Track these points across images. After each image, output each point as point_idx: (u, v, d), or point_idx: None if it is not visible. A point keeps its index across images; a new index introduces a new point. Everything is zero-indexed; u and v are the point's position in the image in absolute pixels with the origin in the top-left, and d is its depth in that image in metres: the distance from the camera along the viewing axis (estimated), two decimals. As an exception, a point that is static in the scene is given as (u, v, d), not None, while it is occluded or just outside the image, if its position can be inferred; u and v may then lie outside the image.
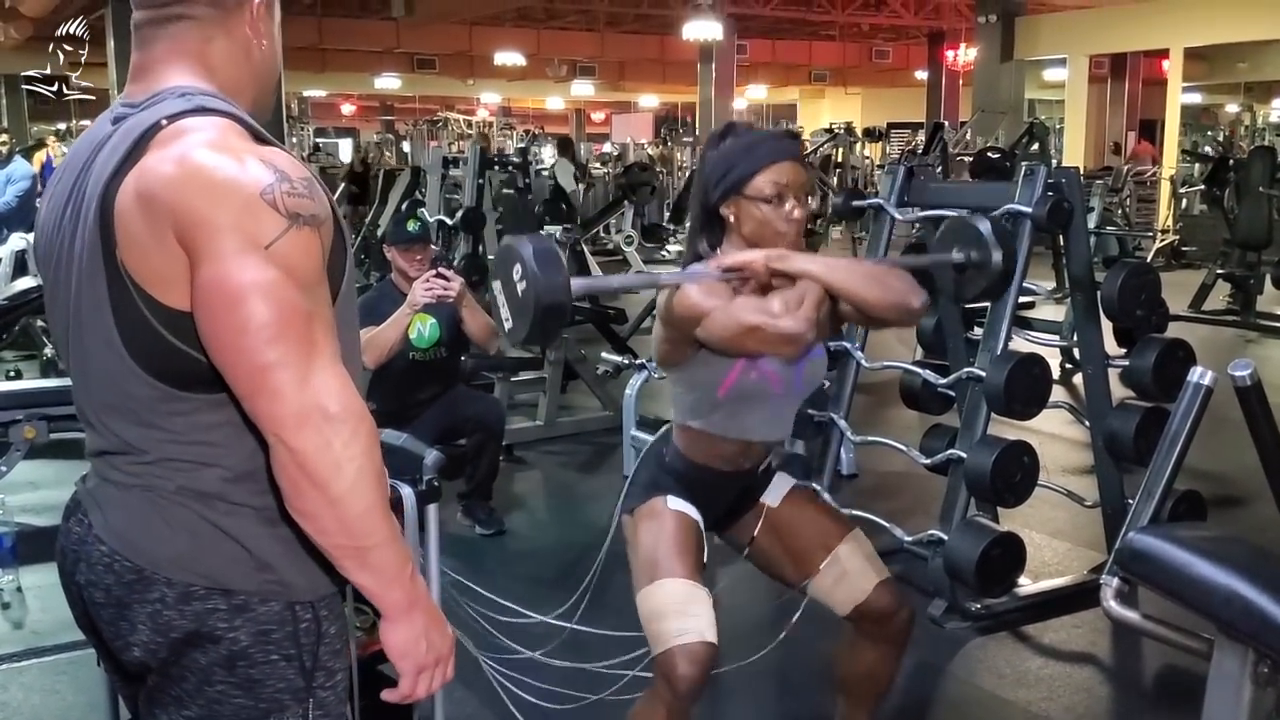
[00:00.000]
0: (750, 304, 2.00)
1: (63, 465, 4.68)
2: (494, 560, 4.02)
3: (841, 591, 2.30)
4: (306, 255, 1.27)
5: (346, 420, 1.26)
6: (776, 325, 1.94)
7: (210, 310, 1.24)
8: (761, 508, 2.36)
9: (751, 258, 2.04)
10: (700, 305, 2.03)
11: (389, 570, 1.32)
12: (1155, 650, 3.24)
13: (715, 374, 2.13)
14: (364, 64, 23.40)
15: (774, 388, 2.17)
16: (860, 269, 2.10)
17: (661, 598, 2.14)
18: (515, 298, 1.84)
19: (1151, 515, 1.57)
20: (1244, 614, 1.36)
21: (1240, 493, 4.57)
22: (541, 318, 1.81)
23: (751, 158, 2.09)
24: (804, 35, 23.23)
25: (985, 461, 3.28)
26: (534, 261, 1.79)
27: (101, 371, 1.34)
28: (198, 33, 1.39)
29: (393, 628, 1.35)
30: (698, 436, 2.24)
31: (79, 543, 1.40)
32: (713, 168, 2.14)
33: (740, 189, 2.09)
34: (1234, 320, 8.77)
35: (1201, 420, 1.60)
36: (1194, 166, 13.90)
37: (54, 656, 3.20)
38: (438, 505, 2.29)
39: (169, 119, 1.30)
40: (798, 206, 2.10)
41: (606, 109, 31.49)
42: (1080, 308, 3.67)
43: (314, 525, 1.28)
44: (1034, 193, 3.41)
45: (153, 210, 1.25)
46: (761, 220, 2.09)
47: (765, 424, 2.24)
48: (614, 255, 12.02)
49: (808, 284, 2.00)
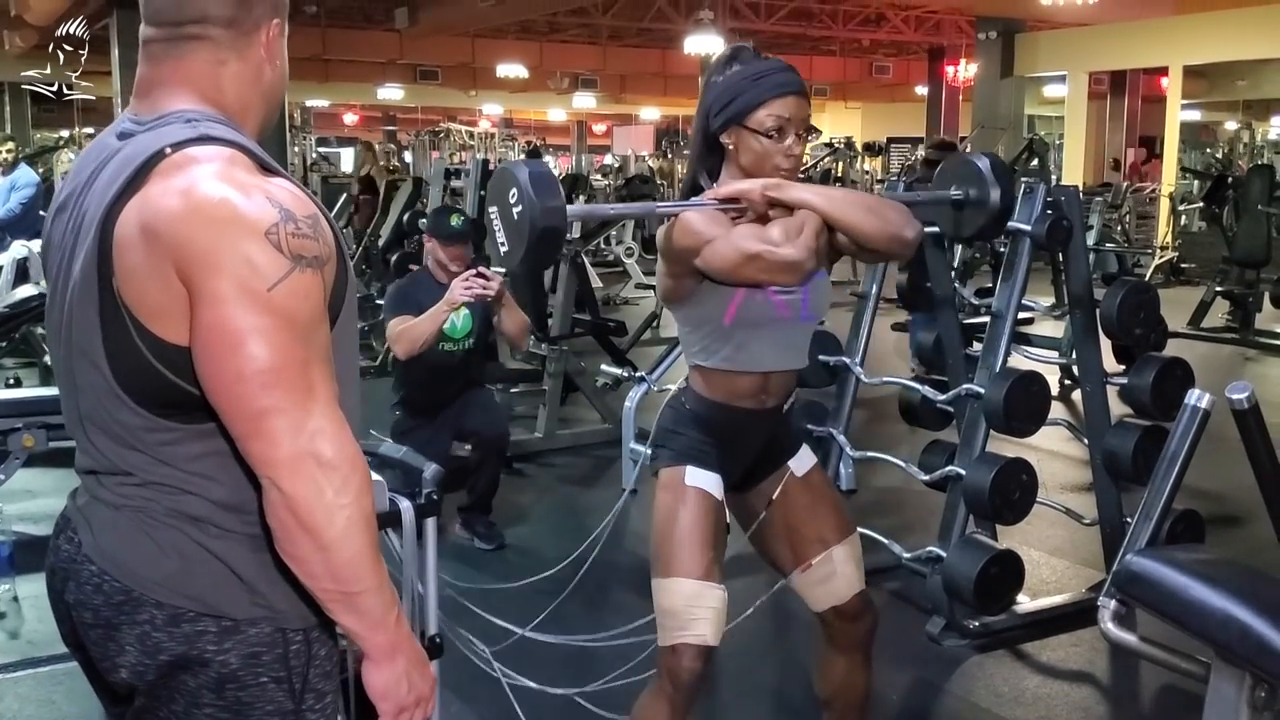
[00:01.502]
0: (750, 232, 2.02)
1: (61, 474, 4.67)
2: (491, 573, 4.01)
3: (823, 590, 2.33)
4: (307, 299, 1.27)
5: (339, 467, 1.26)
6: (776, 253, 1.97)
7: (208, 352, 1.24)
8: (785, 472, 2.35)
9: (749, 186, 2.06)
10: (700, 233, 2.04)
11: (374, 615, 1.33)
12: (1153, 671, 3.23)
13: (720, 303, 2.13)
14: (367, 74, 23.41)
15: (780, 312, 2.16)
16: (857, 199, 2.12)
17: (673, 595, 2.16)
18: (511, 221, 1.85)
19: (1150, 537, 1.57)
20: (1241, 637, 1.36)
21: (1238, 512, 4.57)
22: (537, 241, 1.82)
23: (755, 89, 2.09)
24: (804, 50, 23.26)
25: (984, 478, 3.28)
26: (530, 185, 1.81)
27: (90, 392, 1.34)
28: (211, 55, 1.38)
29: (376, 669, 1.36)
30: (712, 375, 2.22)
31: (68, 561, 1.39)
32: (716, 95, 2.13)
33: (742, 120, 2.10)
34: (1233, 338, 8.78)
35: (1199, 442, 1.61)
36: (1193, 184, 13.93)
37: (49, 667, 3.19)
38: (437, 519, 2.28)
39: (173, 147, 1.28)
40: (798, 142, 2.11)
41: (608, 121, 31.52)
42: (1079, 325, 3.67)
43: (303, 569, 1.29)
44: (1033, 211, 3.42)
45: (155, 244, 1.24)
46: (760, 153, 2.10)
47: (777, 352, 2.22)
48: (614, 266, 12.03)
49: (806, 213, 2.02)
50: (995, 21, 16.20)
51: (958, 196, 2.36)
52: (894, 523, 4.25)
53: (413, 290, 4.13)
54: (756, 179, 2.08)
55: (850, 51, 23.34)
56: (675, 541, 2.18)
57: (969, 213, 2.36)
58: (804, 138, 2.12)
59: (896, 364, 6.90)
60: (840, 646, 2.38)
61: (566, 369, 5.69)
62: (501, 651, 2.72)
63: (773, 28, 19.12)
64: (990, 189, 2.30)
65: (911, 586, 3.64)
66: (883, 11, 18.96)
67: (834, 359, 3.91)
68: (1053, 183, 6.25)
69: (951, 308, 3.99)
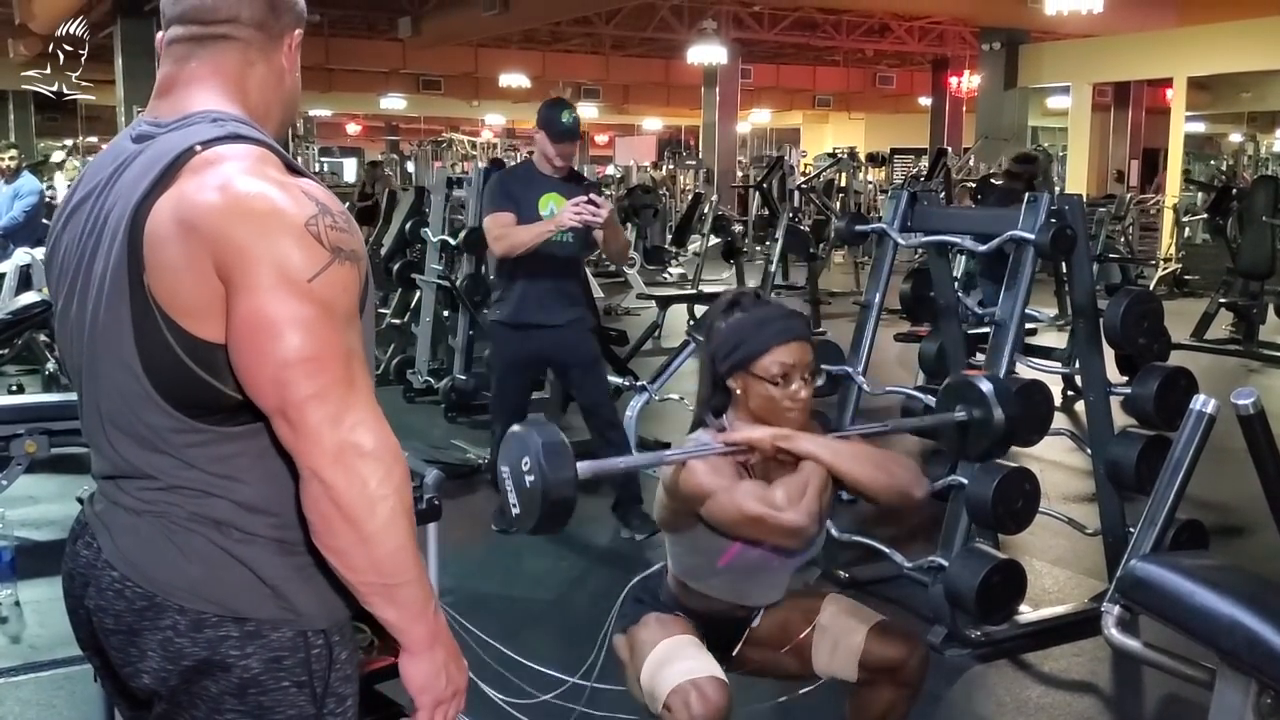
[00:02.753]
0: (754, 492, 2.02)
1: (64, 480, 4.68)
2: (491, 582, 4.01)
3: (841, 657, 2.27)
4: (345, 290, 1.27)
5: (382, 458, 1.25)
6: (779, 518, 1.98)
7: (249, 343, 1.23)
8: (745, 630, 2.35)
9: (759, 437, 2.08)
10: (705, 486, 2.05)
11: (414, 607, 1.32)
12: (1156, 680, 3.22)
13: (716, 545, 2.15)
14: (370, 84, 23.49)
15: (773, 561, 2.19)
16: (865, 454, 2.11)
17: (660, 652, 2.15)
18: (523, 489, 1.88)
19: (1153, 543, 1.57)
20: (1247, 644, 1.35)
21: (1242, 522, 4.55)
22: (549, 512, 1.85)
23: (759, 337, 2.11)
24: (808, 60, 23.34)
25: (986, 488, 3.27)
26: (542, 456, 1.84)
27: (116, 395, 1.32)
28: (239, 55, 1.40)
29: (414, 662, 1.36)
30: (693, 594, 2.26)
31: (88, 567, 1.39)
32: (721, 340, 2.16)
33: (747, 366, 2.12)
34: (1236, 350, 8.76)
35: (1204, 449, 1.60)
36: (1196, 195, 13.93)
37: (51, 672, 3.19)
38: (439, 524, 2.29)
39: (203, 144, 1.29)
40: (804, 387, 2.12)
41: (610, 131, 31.59)
42: (1082, 335, 3.67)
43: (344, 561, 1.28)
44: (1037, 220, 3.42)
45: (192, 238, 1.23)
46: (768, 398, 2.11)
47: (762, 591, 2.28)
48: (616, 276, 12.04)
49: (812, 469, 2.04)
50: (999, 32, 16.23)
51: (962, 419, 2.35)
52: (895, 532, 4.24)
53: (511, 183, 4.30)
54: (766, 428, 2.10)
55: (854, 62, 23.40)
56: (659, 638, 2.19)
57: (974, 434, 2.35)
58: (810, 381, 2.13)
59: (899, 374, 6.88)
60: (890, 685, 2.26)
61: (569, 377, 5.68)
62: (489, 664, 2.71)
63: (776, 38, 19.17)
64: (993, 409, 2.29)
65: (913, 596, 3.63)
66: (886, 22, 19.01)
67: (836, 368, 3.90)
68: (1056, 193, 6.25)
69: (954, 318, 3.99)
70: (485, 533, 4.47)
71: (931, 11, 16.88)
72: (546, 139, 4.23)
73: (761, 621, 2.34)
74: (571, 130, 4.26)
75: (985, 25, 16.47)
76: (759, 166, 19.16)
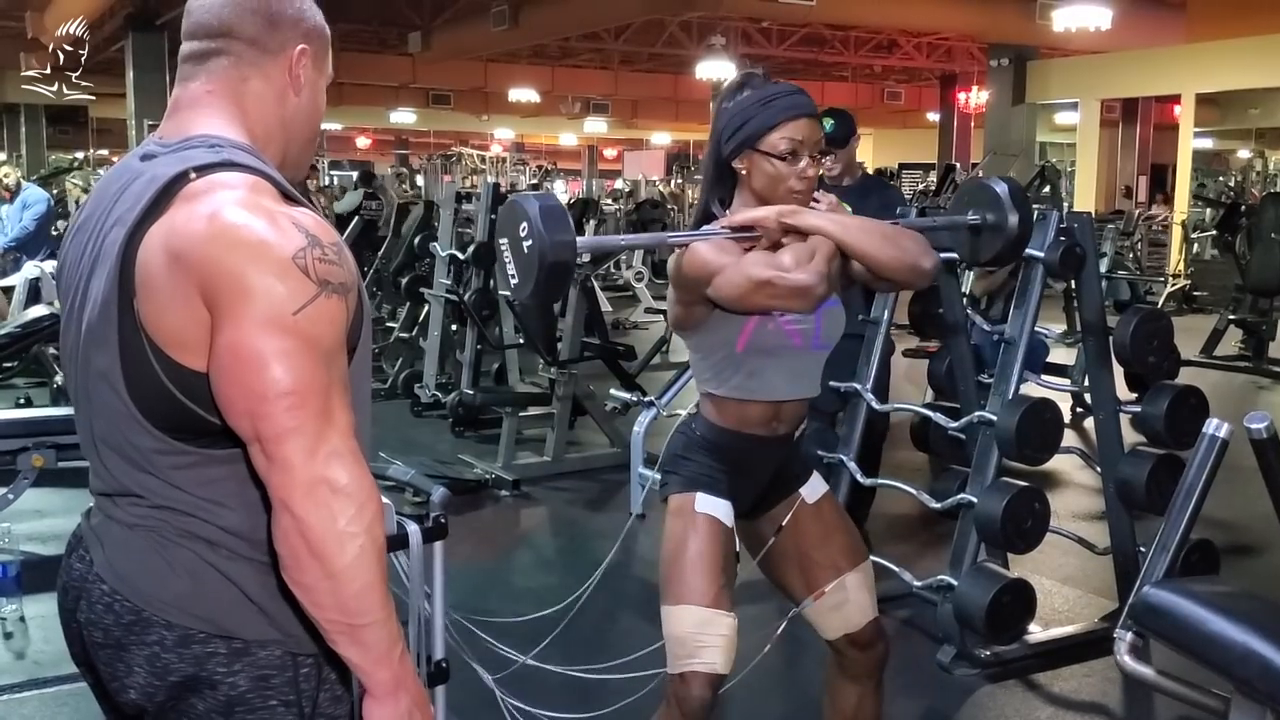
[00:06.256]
0: (761, 259, 2.00)
1: (70, 494, 4.67)
2: (498, 598, 3.99)
3: (837, 618, 2.30)
4: (331, 324, 1.27)
5: (354, 495, 1.25)
6: (787, 279, 1.95)
7: (229, 374, 1.24)
8: (796, 498, 2.32)
9: (763, 214, 2.04)
10: (711, 263, 2.02)
11: (379, 649, 1.30)
12: (1167, 703, 3.19)
13: (731, 330, 2.11)
14: (380, 98, 23.57)
15: (793, 340, 2.13)
16: (874, 227, 2.08)
17: (682, 623, 2.14)
18: (521, 255, 1.83)
19: (1167, 568, 1.55)
20: (1262, 673, 1.34)
21: (1253, 541, 4.52)
22: (547, 275, 1.81)
23: (767, 112, 2.08)
24: (816, 76, 23.33)
25: (996, 507, 3.25)
26: (540, 219, 1.79)
27: (105, 414, 1.33)
28: (235, 71, 1.40)
29: (377, 706, 1.33)
30: (723, 403, 2.20)
31: (80, 580, 1.39)
32: (727, 121, 2.12)
33: (754, 144, 2.08)
34: (1246, 366, 8.73)
35: (1217, 472, 1.58)
36: (1205, 212, 13.90)
37: (55, 688, 3.17)
38: (445, 542, 2.27)
39: (197, 171, 1.29)
40: (812, 165, 2.09)
41: (619, 146, 31.65)
42: (1092, 352, 3.65)
43: (309, 598, 1.27)
44: (1046, 238, 3.41)
45: (180, 268, 1.24)
46: (774, 176, 2.08)
47: (789, 381, 2.19)
48: (624, 291, 12.04)
49: (818, 239, 2.00)
50: (1007, 48, 16.24)
51: (975, 221, 2.34)
52: (905, 550, 4.22)
53: None
54: (771, 206, 2.06)
55: (862, 77, 23.41)
56: (685, 569, 2.16)
57: (986, 237, 2.33)
58: (817, 159, 2.11)
59: (908, 390, 6.87)
60: (852, 675, 2.36)
61: (575, 392, 5.68)
62: (505, 679, 2.69)
63: (785, 53, 19.19)
64: (1009, 213, 2.27)
65: (922, 615, 3.61)
66: (895, 38, 19.03)
67: (845, 385, 3.88)
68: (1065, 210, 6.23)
69: (963, 334, 3.97)
70: (492, 549, 4.47)
71: (940, 28, 16.88)
72: None
73: (815, 507, 2.31)
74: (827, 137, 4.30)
75: (994, 41, 16.48)
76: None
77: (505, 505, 5.15)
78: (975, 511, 3.35)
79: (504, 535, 4.37)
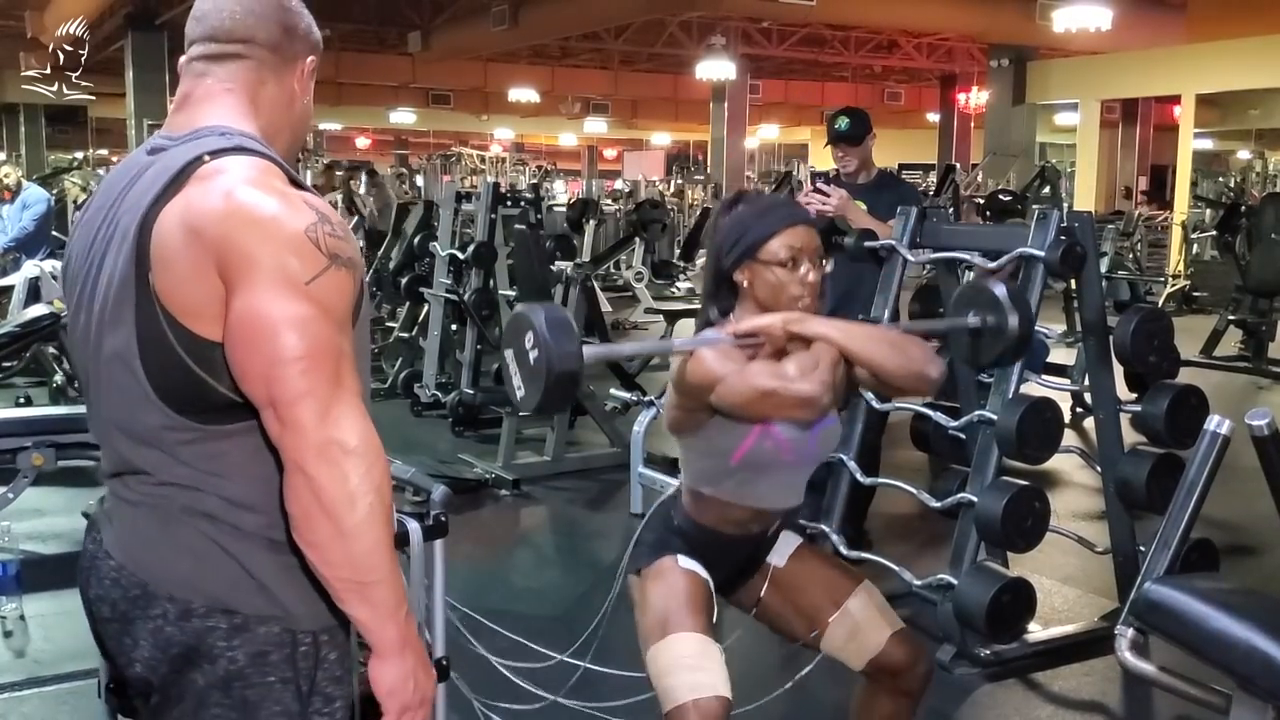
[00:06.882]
0: (765, 368, 1.99)
1: (70, 493, 4.67)
2: (499, 597, 3.99)
3: (855, 646, 2.25)
4: (340, 295, 1.33)
5: (364, 455, 1.29)
6: (791, 389, 1.94)
7: (245, 339, 1.29)
8: (767, 568, 2.32)
9: (769, 322, 2.04)
10: (714, 371, 2.02)
11: (386, 607, 1.35)
12: (1167, 701, 3.19)
13: (729, 441, 2.11)
14: (379, 98, 23.58)
15: (787, 456, 2.14)
16: (879, 335, 2.10)
17: (673, 653, 2.10)
18: (527, 365, 1.84)
19: (1167, 566, 1.55)
20: (1264, 669, 1.33)
21: (1253, 541, 4.52)
22: (554, 386, 1.80)
23: (765, 222, 2.10)
24: (816, 76, 23.36)
25: (996, 506, 3.25)
26: (546, 329, 1.80)
27: (116, 392, 1.38)
28: (254, 74, 1.48)
29: (383, 665, 1.38)
30: (708, 502, 2.21)
31: (91, 559, 1.46)
32: (726, 234, 2.14)
33: (754, 253, 2.09)
34: (1245, 367, 8.73)
35: (1219, 469, 1.58)
36: (1205, 212, 13.90)
37: (55, 686, 3.18)
38: (445, 541, 2.27)
39: (211, 154, 1.36)
40: (812, 270, 2.09)
41: (619, 146, 31.66)
42: (1092, 352, 3.65)
43: (320, 556, 1.31)
44: (1047, 237, 3.41)
45: (197, 242, 1.30)
46: (776, 284, 2.08)
47: (778, 492, 2.22)
48: (624, 291, 12.04)
49: (823, 347, 2.00)
50: (1007, 49, 16.25)
51: (975, 324, 2.32)
52: (905, 549, 4.22)
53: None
54: (776, 314, 2.06)
55: (862, 78, 23.42)
56: (671, 607, 2.13)
57: (987, 340, 2.32)
58: (819, 265, 2.11)
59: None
60: (891, 693, 2.27)
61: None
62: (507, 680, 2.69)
63: (785, 54, 19.21)
64: (1008, 315, 2.25)
65: (922, 614, 3.61)
66: (895, 38, 19.04)
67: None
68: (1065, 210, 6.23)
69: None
70: (492, 548, 4.47)
71: (940, 28, 16.89)
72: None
73: (789, 565, 2.30)
74: (841, 135, 4.49)
75: (994, 42, 16.49)
76: (767, 181, 19.19)
77: (505, 505, 5.16)
78: (975, 511, 3.35)
79: (504, 534, 4.38)
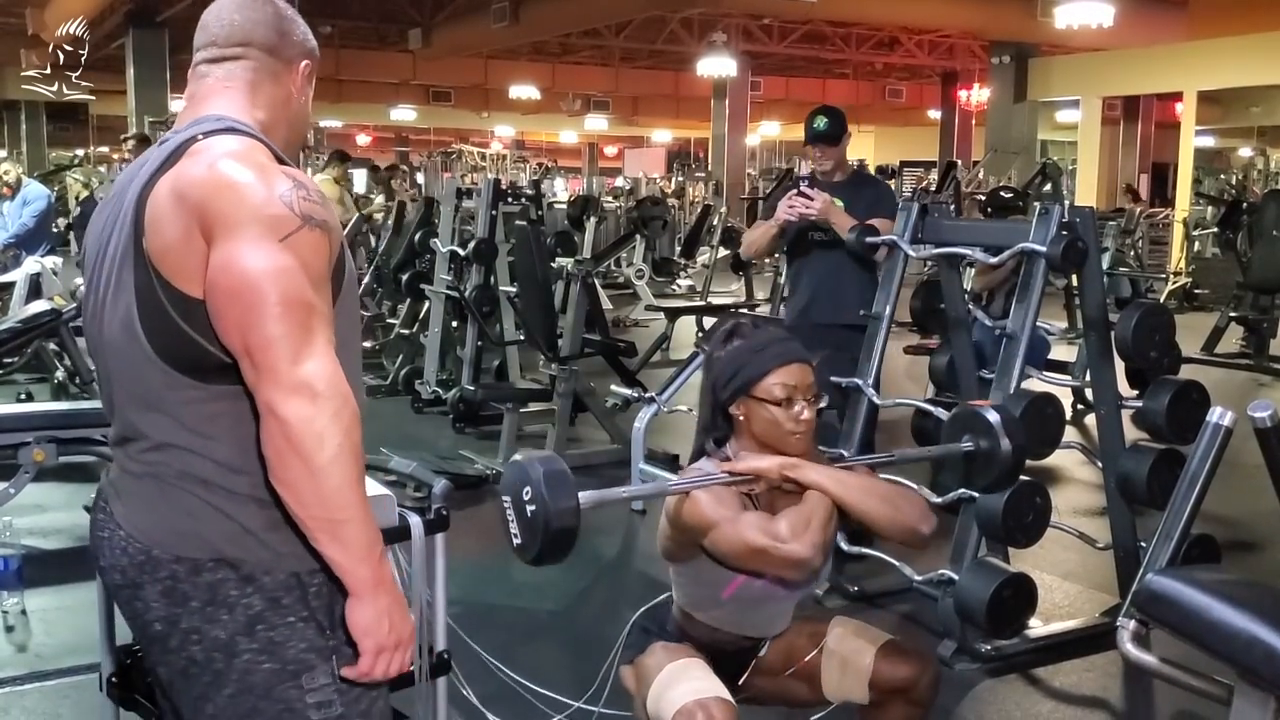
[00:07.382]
0: (758, 523, 1.99)
1: (71, 489, 4.68)
2: (499, 593, 3.99)
3: (850, 679, 2.23)
4: (315, 253, 1.42)
5: (332, 399, 1.37)
6: (782, 550, 1.95)
7: (221, 288, 1.38)
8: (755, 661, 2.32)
9: (765, 465, 2.05)
10: (709, 517, 2.02)
11: (359, 546, 1.41)
12: (1169, 695, 3.20)
13: (719, 577, 2.11)
14: (380, 95, 23.58)
15: (778, 592, 2.16)
16: (874, 488, 2.09)
17: (666, 674, 2.12)
18: (524, 517, 1.85)
19: (1169, 558, 1.55)
20: (1267, 660, 1.33)
21: (1254, 537, 4.52)
22: (551, 540, 1.82)
23: (760, 359, 2.11)
24: (818, 73, 23.35)
25: (997, 502, 3.25)
26: (544, 485, 1.81)
27: (121, 358, 1.47)
28: (251, 73, 1.59)
29: (358, 604, 1.43)
30: (697, 624, 2.24)
31: (100, 529, 1.54)
32: (722, 368, 2.15)
33: (749, 390, 2.10)
34: (1247, 364, 8.73)
35: (1221, 461, 1.58)
36: (1206, 209, 13.90)
37: (56, 681, 3.18)
38: (446, 535, 2.26)
39: (204, 134, 1.48)
40: (807, 408, 2.10)
41: (619, 143, 31.65)
42: (1094, 348, 3.65)
43: (293, 495, 1.38)
44: (1048, 232, 3.41)
45: (181, 205, 1.41)
46: (771, 421, 2.09)
47: (767, 622, 2.25)
48: (625, 288, 12.04)
49: (817, 499, 2.01)
50: (1008, 46, 16.25)
51: (968, 449, 2.32)
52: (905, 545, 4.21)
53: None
54: (773, 457, 2.07)
55: (863, 75, 23.42)
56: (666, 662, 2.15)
57: (980, 465, 2.31)
58: (813, 403, 2.11)
59: (909, 387, 6.87)
60: (902, 703, 2.24)
61: (576, 389, 5.67)
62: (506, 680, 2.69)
63: (786, 51, 19.21)
64: (1001, 440, 2.25)
65: (923, 609, 3.61)
66: (896, 35, 19.04)
67: (846, 380, 3.88)
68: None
69: (965, 330, 3.97)
70: (492, 544, 4.45)
71: (941, 25, 16.89)
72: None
73: (769, 649, 2.31)
74: (819, 134, 4.35)
75: (995, 39, 16.50)
76: (768, 179, 19.18)
77: (506, 501, 5.15)
78: (976, 507, 3.35)
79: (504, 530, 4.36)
